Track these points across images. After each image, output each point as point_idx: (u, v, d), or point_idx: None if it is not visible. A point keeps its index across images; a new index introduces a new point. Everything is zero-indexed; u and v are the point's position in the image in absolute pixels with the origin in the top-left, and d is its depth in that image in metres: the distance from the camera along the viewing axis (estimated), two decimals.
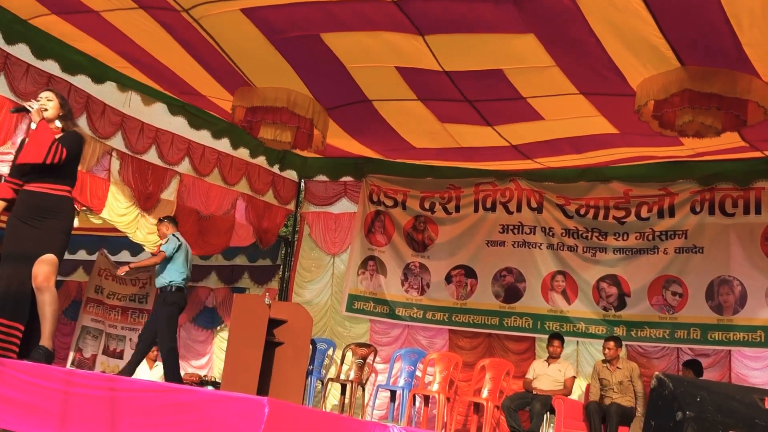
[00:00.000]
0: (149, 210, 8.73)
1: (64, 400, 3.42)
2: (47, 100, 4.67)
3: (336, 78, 6.81)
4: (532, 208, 9.37)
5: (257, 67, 6.86)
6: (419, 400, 8.65)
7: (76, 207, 6.39)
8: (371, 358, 9.20)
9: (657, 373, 2.91)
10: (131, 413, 3.19)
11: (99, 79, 7.75)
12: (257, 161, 9.93)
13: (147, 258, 8.17)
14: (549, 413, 7.65)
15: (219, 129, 9.05)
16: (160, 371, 9.03)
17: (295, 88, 7.03)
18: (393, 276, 9.90)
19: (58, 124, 4.68)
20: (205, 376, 11.01)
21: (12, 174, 4.70)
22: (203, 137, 9.11)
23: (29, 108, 4.61)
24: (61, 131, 4.66)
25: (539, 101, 6.78)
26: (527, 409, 7.76)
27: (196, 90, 7.72)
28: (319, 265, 10.58)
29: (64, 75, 7.47)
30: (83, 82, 7.68)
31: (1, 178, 6.86)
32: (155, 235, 8.57)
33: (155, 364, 9.40)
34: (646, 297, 8.52)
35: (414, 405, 8.59)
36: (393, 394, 8.94)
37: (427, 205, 9.94)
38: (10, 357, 4.23)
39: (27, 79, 7.20)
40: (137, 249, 10.70)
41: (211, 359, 11.55)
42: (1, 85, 7.05)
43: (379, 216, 10.19)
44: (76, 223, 5.21)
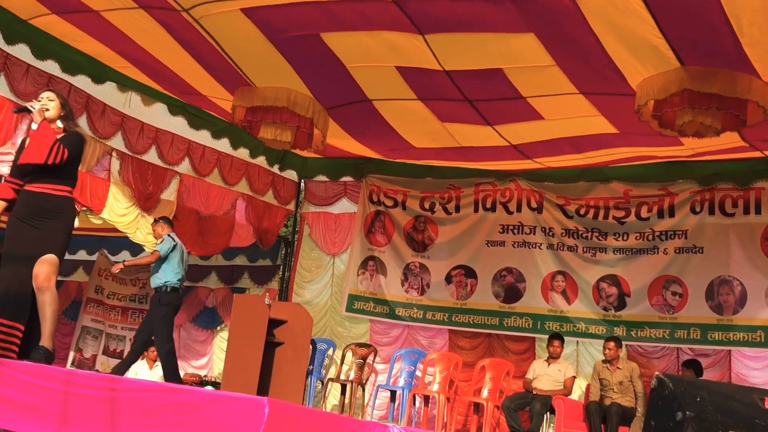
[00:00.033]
0: (149, 210, 8.73)
1: (64, 400, 3.42)
2: (48, 100, 4.67)
3: (336, 78, 6.81)
4: (532, 208, 9.37)
5: (257, 67, 6.86)
6: (419, 400, 8.65)
7: (76, 207, 6.37)
8: (371, 358, 9.20)
9: (657, 373, 2.91)
10: (131, 413, 3.19)
11: (99, 80, 7.75)
12: (257, 161, 9.93)
13: (142, 256, 8.16)
14: (549, 413, 7.65)
15: (219, 129, 9.05)
16: (160, 371, 9.01)
17: (296, 87, 7.03)
18: (393, 276, 9.90)
19: (59, 124, 4.68)
20: (205, 376, 11.01)
21: (13, 174, 4.70)
22: (203, 137, 9.11)
23: (31, 108, 4.60)
24: (63, 131, 4.66)
25: (539, 101, 6.78)
26: (527, 409, 7.76)
27: (196, 90, 7.72)
28: (319, 266, 10.58)
29: (64, 75, 7.47)
30: (83, 82, 7.68)
31: (1, 178, 6.86)
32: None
33: (155, 364, 9.39)
34: (646, 297, 8.52)
35: (414, 405, 8.59)
36: (393, 394, 8.94)
37: (427, 205, 9.94)
38: (10, 357, 4.22)
39: (27, 80, 7.20)
40: (137, 249, 10.69)
41: (211, 359, 11.55)
42: (1, 86, 7.05)
43: (379, 216, 10.19)
44: (76, 224, 5.20)
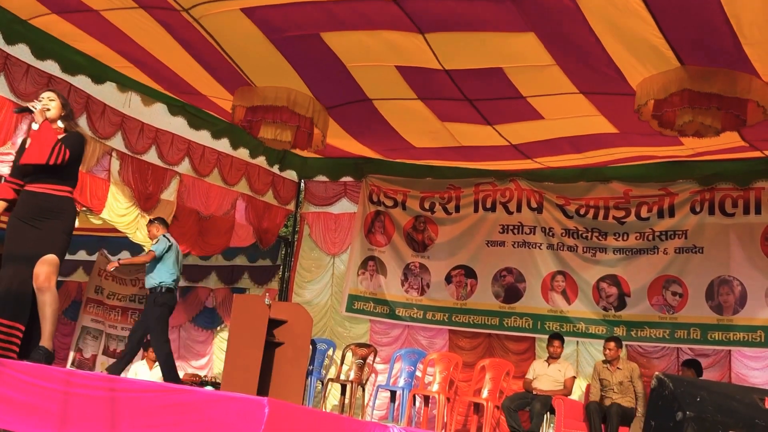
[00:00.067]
0: (149, 210, 8.73)
1: (64, 400, 3.42)
2: (49, 100, 4.66)
3: (336, 77, 6.81)
4: (532, 208, 9.37)
5: (257, 67, 6.85)
6: (419, 400, 8.65)
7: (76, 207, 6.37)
8: (371, 358, 9.20)
9: (657, 373, 2.91)
10: (131, 414, 3.19)
11: (99, 80, 7.75)
12: (257, 161, 9.93)
13: (138, 256, 8.16)
14: (549, 413, 7.65)
15: (219, 129, 9.05)
16: (160, 372, 9.02)
17: (296, 87, 7.02)
18: (393, 276, 9.89)
19: (60, 124, 4.67)
20: (205, 376, 11.00)
21: (13, 174, 4.69)
22: (203, 137, 9.11)
23: (32, 108, 4.59)
24: (64, 131, 4.65)
25: (539, 100, 6.77)
26: (527, 410, 7.76)
27: (196, 89, 7.72)
28: (319, 266, 10.58)
29: (64, 75, 7.47)
30: (83, 82, 7.68)
31: (1, 178, 6.86)
32: None
33: (155, 364, 9.38)
34: (646, 297, 8.52)
35: (414, 405, 8.59)
36: (393, 394, 8.93)
37: (427, 206, 9.94)
38: (10, 357, 4.22)
39: (27, 80, 7.20)
40: (137, 249, 10.68)
41: (211, 359, 11.55)
42: (1, 86, 7.05)
43: (379, 216, 10.18)
44: (76, 224, 5.20)
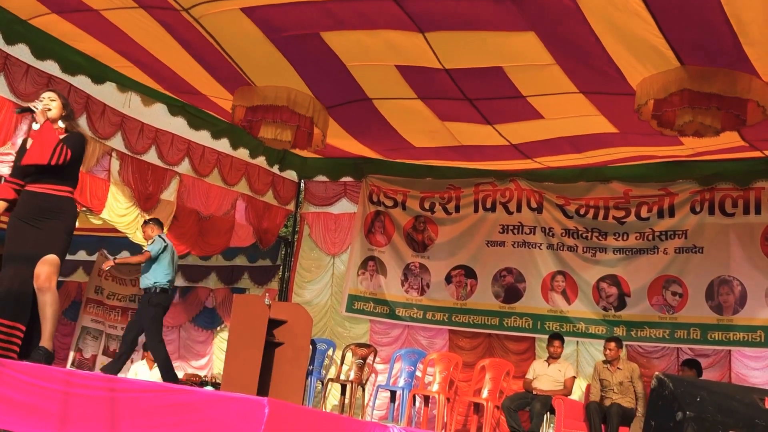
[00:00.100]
0: (149, 210, 8.73)
1: (64, 400, 3.42)
2: (50, 100, 4.65)
3: (336, 77, 6.80)
4: (532, 208, 9.37)
5: (257, 66, 6.85)
6: (419, 400, 8.65)
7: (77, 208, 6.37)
8: (371, 358, 9.20)
9: (657, 373, 2.91)
10: (131, 414, 3.19)
11: (99, 80, 7.75)
12: (257, 161, 9.93)
13: (133, 256, 8.14)
14: (549, 413, 7.65)
15: (219, 129, 9.05)
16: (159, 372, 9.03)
17: (296, 86, 7.02)
18: (393, 276, 9.89)
19: (61, 124, 4.66)
20: (205, 376, 11.00)
21: (14, 174, 4.68)
22: (203, 137, 9.11)
23: (33, 109, 4.59)
24: (64, 132, 4.65)
25: (539, 100, 6.77)
26: (527, 410, 7.76)
27: (196, 89, 7.72)
28: (319, 266, 10.57)
29: (63, 75, 7.47)
30: (83, 82, 7.68)
31: (1, 178, 6.86)
32: None
33: (155, 364, 9.38)
34: (646, 297, 8.51)
35: (414, 405, 8.59)
36: (393, 394, 8.93)
37: (427, 206, 9.94)
38: (11, 357, 4.22)
39: (27, 80, 7.20)
40: (137, 250, 10.62)
41: (211, 360, 11.55)
42: (1, 86, 7.05)
43: (379, 216, 10.18)
44: (76, 224, 5.19)
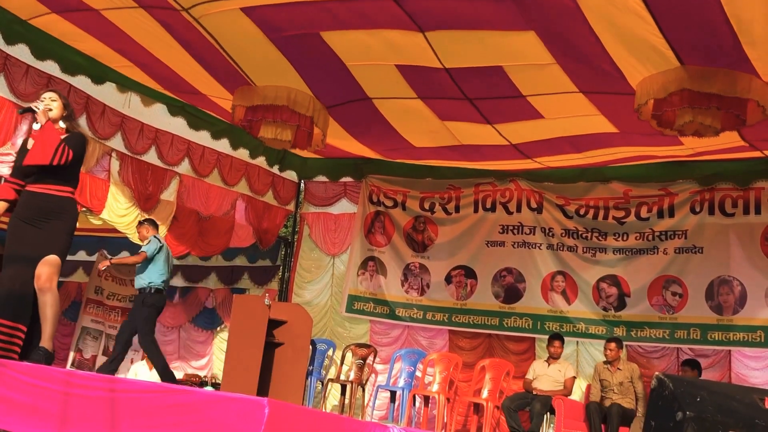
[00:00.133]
0: (149, 211, 8.72)
1: (64, 401, 3.42)
2: (51, 100, 4.65)
3: (336, 76, 6.80)
4: (531, 208, 9.37)
5: (257, 66, 6.85)
6: (419, 400, 8.65)
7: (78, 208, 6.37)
8: (371, 358, 9.20)
9: (657, 374, 2.91)
10: (131, 414, 3.19)
11: (99, 80, 7.75)
12: (257, 162, 9.93)
13: (129, 256, 8.13)
14: (549, 413, 7.65)
15: (218, 129, 9.05)
16: None
17: (296, 86, 7.02)
18: (393, 276, 9.89)
19: (61, 124, 4.65)
20: (205, 376, 11.01)
21: (14, 174, 4.67)
22: (203, 138, 9.11)
23: (35, 109, 4.58)
24: (65, 132, 4.65)
25: (539, 99, 6.77)
26: (527, 410, 7.76)
27: (196, 89, 7.72)
28: (319, 266, 10.57)
29: (63, 76, 7.47)
30: (83, 82, 7.68)
31: (1, 179, 6.85)
32: None
33: None
34: (645, 297, 8.52)
35: (414, 405, 8.59)
36: (393, 394, 8.93)
37: (427, 206, 9.94)
38: (12, 358, 4.21)
39: (27, 80, 7.20)
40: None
41: (211, 360, 11.55)
42: (1, 86, 7.05)
43: (379, 216, 10.18)
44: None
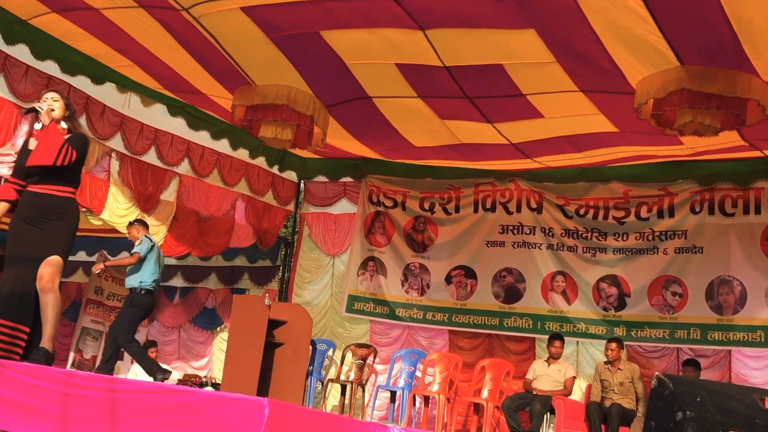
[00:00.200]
0: (149, 211, 8.73)
1: (64, 401, 3.42)
2: (53, 100, 4.64)
3: (336, 75, 6.79)
4: (531, 208, 9.37)
5: (257, 65, 6.84)
6: (419, 400, 8.65)
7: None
8: (371, 358, 9.20)
9: (657, 374, 2.91)
10: (131, 414, 3.19)
11: (98, 80, 7.75)
12: (257, 162, 9.93)
13: (122, 258, 8.09)
14: (549, 413, 7.65)
15: (218, 130, 9.05)
16: None
17: (296, 85, 7.01)
18: (393, 277, 9.89)
19: (63, 125, 4.65)
20: (205, 376, 11.00)
21: (15, 175, 4.66)
22: (203, 138, 9.11)
23: (39, 109, 4.57)
24: (67, 132, 4.64)
25: (539, 98, 6.76)
26: (527, 410, 7.76)
27: (196, 88, 7.71)
28: (319, 266, 10.57)
29: (63, 76, 7.47)
30: (83, 83, 7.69)
31: (1, 179, 6.85)
32: (156, 237, 8.56)
33: None
34: (646, 297, 8.51)
35: (414, 405, 8.59)
36: (393, 394, 8.93)
37: (427, 206, 9.94)
38: (14, 359, 4.21)
39: (27, 81, 7.20)
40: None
41: (211, 360, 11.55)
42: (1, 87, 7.05)
43: (379, 217, 10.18)
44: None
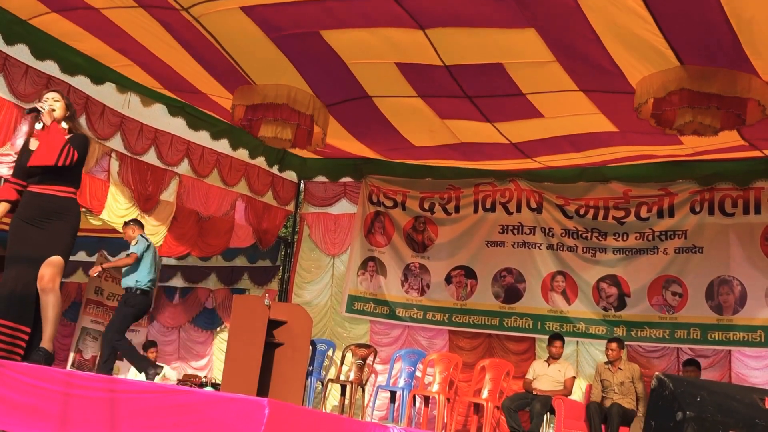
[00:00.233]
0: (149, 211, 8.73)
1: (64, 401, 3.42)
2: (54, 100, 4.63)
3: (336, 74, 6.79)
4: (531, 208, 9.37)
5: (257, 65, 6.84)
6: (419, 400, 8.65)
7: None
8: (371, 358, 9.20)
9: (657, 374, 2.91)
10: (131, 415, 3.19)
11: (98, 80, 7.75)
12: (256, 162, 9.93)
13: (119, 259, 8.08)
14: (549, 414, 7.64)
15: (218, 130, 9.05)
16: (160, 373, 9.01)
17: (296, 84, 7.01)
18: (393, 277, 9.89)
19: (64, 125, 4.64)
20: (205, 377, 11.00)
21: (16, 175, 4.65)
22: (202, 138, 9.11)
23: (41, 109, 4.56)
24: (68, 132, 4.63)
25: (539, 98, 6.76)
26: (527, 410, 7.76)
27: (196, 88, 7.71)
28: (319, 266, 10.57)
29: (63, 76, 7.47)
30: (82, 83, 7.68)
31: (1, 180, 6.84)
32: (156, 237, 8.56)
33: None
34: (646, 297, 8.52)
35: (414, 406, 8.59)
36: (393, 394, 8.93)
37: (427, 206, 9.94)
38: (15, 359, 4.21)
39: (26, 81, 7.20)
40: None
41: (211, 360, 11.55)
42: (1, 87, 7.05)
43: (379, 217, 10.18)
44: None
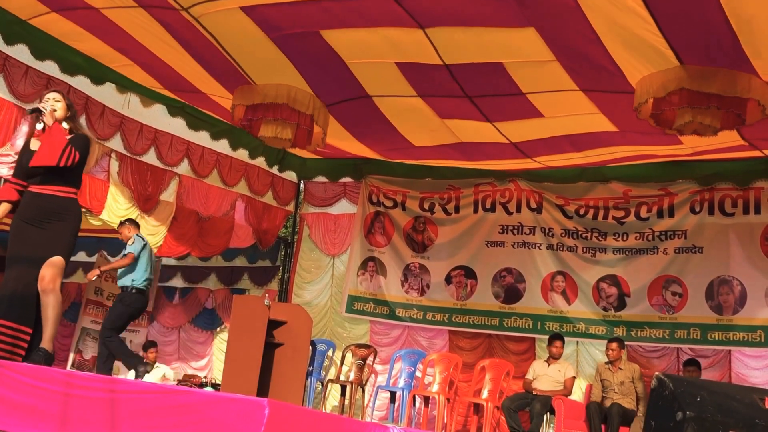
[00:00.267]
0: (149, 211, 8.73)
1: (64, 401, 3.42)
2: (55, 101, 4.62)
3: (336, 74, 6.79)
4: (531, 208, 9.37)
5: (257, 65, 6.84)
6: (419, 400, 8.65)
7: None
8: (371, 359, 9.20)
9: (657, 374, 2.91)
10: (131, 415, 3.19)
11: (98, 81, 7.74)
12: (256, 162, 9.93)
13: (117, 260, 8.07)
14: (549, 414, 7.65)
15: (218, 130, 9.05)
16: (159, 373, 9.03)
17: (296, 84, 7.01)
18: (393, 277, 9.89)
19: (65, 125, 4.64)
20: (205, 377, 11.00)
21: (17, 175, 4.65)
22: (202, 138, 9.11)
23: (43, 110, 4.55)
24: (69, 133, 4.63)
25: (539, 97, 6.75)
26: (527, 410, 7.76)
27: (196, 88, 7.71)
28: (319, 266, 10.57)
29: (63, 76, 7.46)
30: (82, 83, 7.68)
31: (1, 180, 6.84)
32: (156, 237, 8.56)
33: (155, 365, 9.40)
34: (645, 297, 8.52)
35: (414, 406, 8.59)
36: (393, 395, 8.93)
37: (427, 206, 9.94)
38: (16, 360, 4.20)
39: (26, 81, 7.20)
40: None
41: (211, 360, 11.55)
42: (1, 87, 7.05)
43: (379, 217, 10.18)
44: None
